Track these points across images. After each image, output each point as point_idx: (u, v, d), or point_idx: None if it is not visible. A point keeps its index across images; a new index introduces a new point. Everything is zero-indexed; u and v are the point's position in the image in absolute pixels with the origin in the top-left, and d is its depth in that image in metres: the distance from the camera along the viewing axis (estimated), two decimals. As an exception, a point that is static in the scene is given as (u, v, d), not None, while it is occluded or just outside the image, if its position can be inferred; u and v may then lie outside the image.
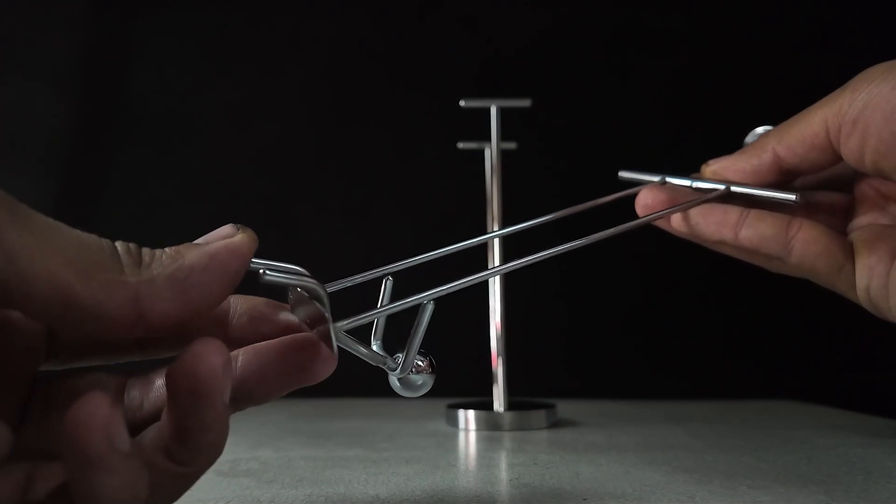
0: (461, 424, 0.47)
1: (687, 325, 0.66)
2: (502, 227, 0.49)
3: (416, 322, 0.26)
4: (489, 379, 0.49)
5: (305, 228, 0.70)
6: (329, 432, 0.45)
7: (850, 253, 0.31)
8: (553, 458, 0.36)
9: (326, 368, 0.24)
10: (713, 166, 0.35)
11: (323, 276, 0.31)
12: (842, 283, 0.31)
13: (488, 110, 0.50)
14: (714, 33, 0.69)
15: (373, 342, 0.27)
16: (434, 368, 0.27)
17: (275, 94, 0.72)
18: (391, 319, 0.27)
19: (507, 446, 0.40)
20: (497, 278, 0.49)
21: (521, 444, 0.40)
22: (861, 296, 0.30)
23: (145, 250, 0.21)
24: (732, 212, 0.33)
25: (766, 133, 0.33)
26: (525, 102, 0.49)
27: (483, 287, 0.50)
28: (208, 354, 0.19)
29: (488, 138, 0.50)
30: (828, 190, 0.34)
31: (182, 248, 0.22)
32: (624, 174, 0.39)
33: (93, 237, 0.20)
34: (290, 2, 0.71)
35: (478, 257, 0.51)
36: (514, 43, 0.70)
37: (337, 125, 0.71)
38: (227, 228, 0.23)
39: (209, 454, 0.20)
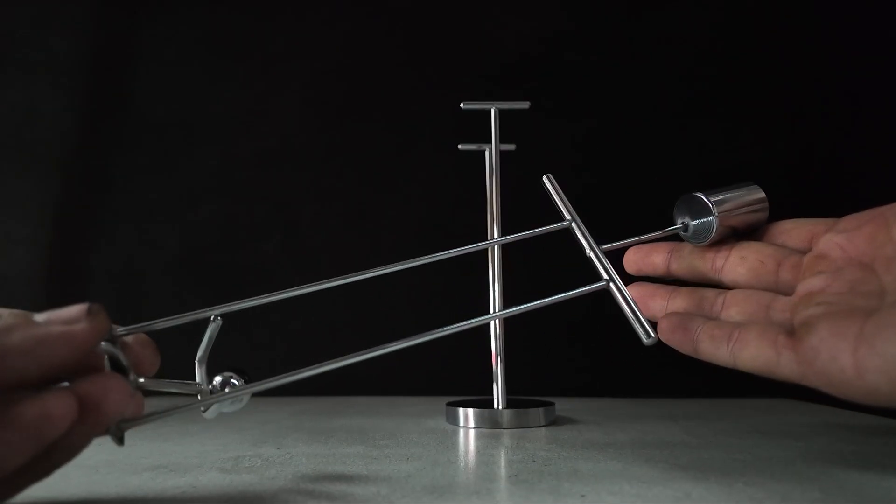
0: (461, 422, 0.47)
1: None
2: (501, 227, 0.50)
3: (206, 337, 0.25)
4: (489, 377, 0.49)
5: (307, 229, 0.71)
6: (330, 429, 0.45)
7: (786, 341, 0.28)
8: (551, 455, 0.36)
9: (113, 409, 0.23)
10: (632, 258, 0.39)
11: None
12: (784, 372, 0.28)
13: (488, 112, 0.50)
14: (713, 37, 0.69)
15: (197, 368, 0.26)
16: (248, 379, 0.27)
17: (277, 96, 0.72)
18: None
19: (506, 443, 0.40)
20: (497, 279, 0.50)
21: (519, 441, 0.41)
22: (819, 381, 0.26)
23: None
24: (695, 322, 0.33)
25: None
26: (524, 105, 0.49)
27: (483, 286, 0.50)
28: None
29: (488, 140, 0.50)
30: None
31: (16, 324, 0.21)
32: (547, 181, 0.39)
33: None
34: (294, 5, 0.72)
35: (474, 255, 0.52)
36: (514, 46, 0.71)
37: (339, 127, 0.71)
38: (76, 311, 0.22)
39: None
